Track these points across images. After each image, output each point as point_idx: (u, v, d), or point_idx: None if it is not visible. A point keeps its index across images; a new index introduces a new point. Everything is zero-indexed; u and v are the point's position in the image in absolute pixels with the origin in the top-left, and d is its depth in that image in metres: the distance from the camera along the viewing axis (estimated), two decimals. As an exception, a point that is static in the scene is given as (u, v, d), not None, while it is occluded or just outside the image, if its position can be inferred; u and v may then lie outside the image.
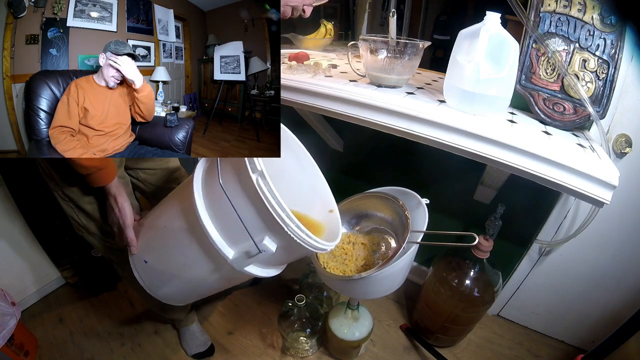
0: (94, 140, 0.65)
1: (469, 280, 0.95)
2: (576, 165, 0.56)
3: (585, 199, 0.58)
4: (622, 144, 0.80)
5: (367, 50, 0.73)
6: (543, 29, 0.68)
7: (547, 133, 0.64)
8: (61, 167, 0.66)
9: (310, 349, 1.07)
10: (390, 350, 1.13)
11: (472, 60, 0.62)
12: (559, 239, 1.01)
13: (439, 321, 1.04)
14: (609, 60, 0.66)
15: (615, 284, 1.00)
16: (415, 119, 0.64)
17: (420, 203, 0.83)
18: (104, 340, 1.14)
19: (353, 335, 0.97)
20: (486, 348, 1.16)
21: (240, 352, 1.12)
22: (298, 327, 1.00)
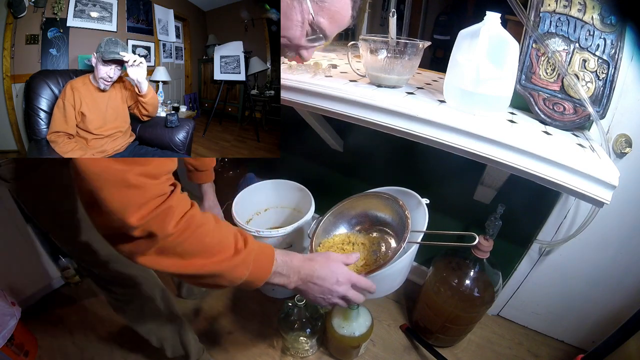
0: (92, 142, 0.65)
1: (469, 280, 0.95)
2: (576, 165, 0.56)
3: (585, 199, 0.58)
4: (622, 144, 0.80)
5: (367, 50, 0.73)
6: (543, 29, 0.68)
7: (547, 133, 0.64)
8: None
9: (310, 349, 1.07)
10: (390, 350, 1.13)
11: (472, 60, 0.62)
12: (559, 239, 1.01)
13: (439, 321, 1.04)
14: (609, 60, 0.66)
15: (615, 284, 1.00)
16: (415, 119, 0.64)
17: (420, 203, 0.83)
18: (104, 340, 1.14)
19: (353, 334, 0.97)
20: (486, 348, 1.16)
21: (240, 352, 1.11)
22: (298, 327, 1.00)
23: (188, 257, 0.45)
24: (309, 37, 0.50)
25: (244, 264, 0.49)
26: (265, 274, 0.52)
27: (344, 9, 0.49)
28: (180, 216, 0.43)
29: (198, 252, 0.45)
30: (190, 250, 0.45)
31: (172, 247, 0.43)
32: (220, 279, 0.48)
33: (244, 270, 0.49)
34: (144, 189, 0.40)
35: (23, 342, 1.01)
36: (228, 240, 0.49)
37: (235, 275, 0.49)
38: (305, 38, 0.50)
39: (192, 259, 0.45)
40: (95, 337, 1.15)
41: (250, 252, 0.50)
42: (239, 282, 0.50)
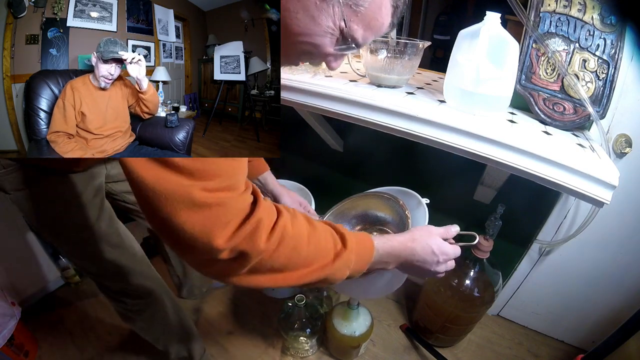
0: (92, 142, 0.65)
1: (469, 280, 0.95)
2: (576, 165, 0.56)
3: (585, 199, 0.58)
4: (622, 144, 0.80)
5: (367, 50, 0.73)
6: (543, 29, 0.68)
7: (547, 133, 0.64)
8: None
9: (310, 349, 1.07)
10: (390, 350, 1.13)
11: (472, 60, 0.62)
12: (559, 239, 1.01)
13: (439, 321, 1.04)
14: (609, 60, 0.66)
15: (615, 284, 1.00)
16: (415, 119, 0.64)
17: (421, 203, 0.82)
18: (103, 340, 1.14)
19: (353, 334, 0.97)
20: (486, 348, 1.16)
21: (240, 352, 1.11)
22: (298, 327, 1.00)
23: (286, 270, 0.41)
24: (339, 46, 0.41)
25: (345, 265, 0.46)
26: (365, 266, 0.50)
27: (382, 16, 0.40)
28: (270, 228, 0.39)
29: (296, 264, 0.42)
30: (287, 263, 0.41)
31: (267, 264, 0.39)
32: (320, 283, 0.46)
33: (345, 271, 0.47)
34: (226, 206, 0.35)
35: (23, 342, 1.01)
36: (327, 244, 0.45)
37: (337, 277, 0.46)
38: (334, 46, 0.41)
39: (291, 272, 0.42)
40: (95, 337, 1.15)
41: (351, 252, 0.46)
42: (339, 281, 0.47)
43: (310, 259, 0.43)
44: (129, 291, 0.77)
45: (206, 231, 0.34)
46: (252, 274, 0.40)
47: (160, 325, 0.86)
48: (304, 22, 0.38)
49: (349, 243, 0.47)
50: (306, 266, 0.43)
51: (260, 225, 0.37)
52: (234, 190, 0.37)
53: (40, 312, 1.22)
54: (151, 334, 0.87)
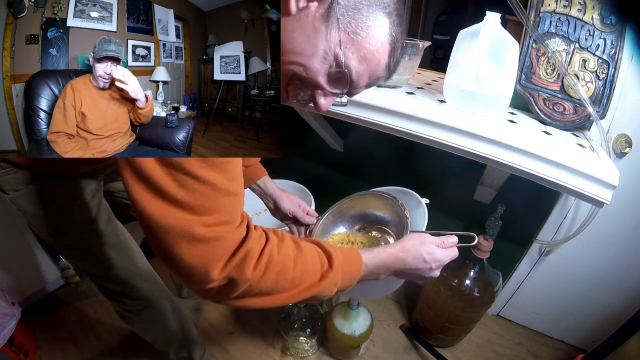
0: (92, 143, 0.65)
1: (469, 280, 0.95)
2: (576, 165, 0.56)
3: (585, 199, 0.58)
4: (622, 144, 0.80)
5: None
6: (543, 29, 0.68)
7: (547, 133, 0.64)
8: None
9: (310, 349, 1.07)
10: (390, 350, 1.13)
11: (472, 60, 0.62)
12: (559, 239, 1.01)
13: (439, 321, 1.04)
14: (609, 60, 0.66)
15: (615, 284, 1.00)
16: (415, 119, 0.64)
17: (420, 203, 0.83)
18: (104, 340, 1.14)
19: (353, 334, 0.97)
20: (486, 348, 1.16)
21: (240, 352, 1.11)
22: (298, 327, 1.00)
23: (274, 293, 0.43)
24: (330, 77, 0.40)
25: (332, 284, 0.47)
26: (353, 281, 0.52)
27: (379, 52, 0.39)
28: (257, 257, 0.40)
29: (283, 287, 0.43)
30: (274, 287, 0.42)
31: (255, 289, 0.41)
32: (308, 301, 0.48)
33: (332, 288, 0.48)
34: (223, 240, 0.37)
35: (23, 342, 1.01)
36: (313, 266, 0.46)
37: (325, 294, 0.48)
38: (325, 76, 0.40)
39: (279, 294, 0.43)
40: (95, 337, 1.15)
41: (338, 270, 0.48)
42: (329, 296, 0.49)
43: (297, 281, 0.44)
44: (128, 292, 0.77)
45: (204, 263, 0.37)
46: (242, 297, 0.42)
47: (159, 326, 0.86)
48: (298, 42, 0.38)
49: (335, 262, 0.48)
50: (293, 287, 0.44)
51: (249, 254, 0.39)
52: (231, 224, 0.38)
53: (40, 312, 1.22)
54: (150, 335, 0.87)
